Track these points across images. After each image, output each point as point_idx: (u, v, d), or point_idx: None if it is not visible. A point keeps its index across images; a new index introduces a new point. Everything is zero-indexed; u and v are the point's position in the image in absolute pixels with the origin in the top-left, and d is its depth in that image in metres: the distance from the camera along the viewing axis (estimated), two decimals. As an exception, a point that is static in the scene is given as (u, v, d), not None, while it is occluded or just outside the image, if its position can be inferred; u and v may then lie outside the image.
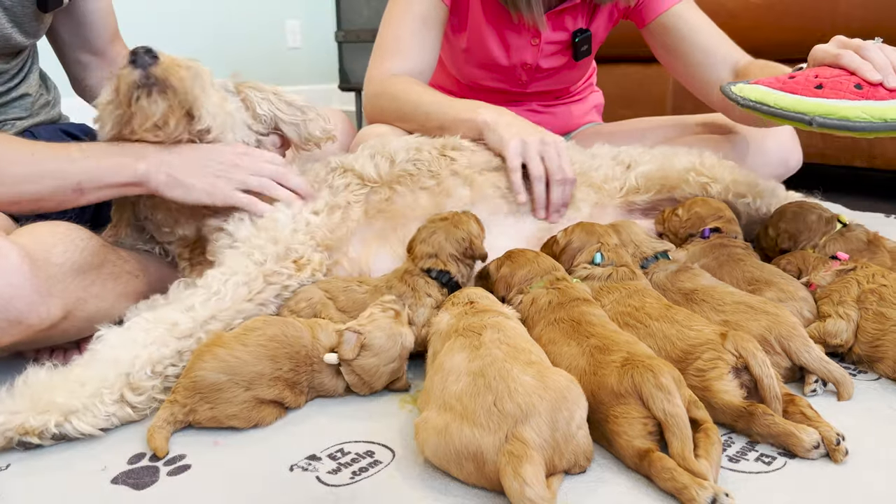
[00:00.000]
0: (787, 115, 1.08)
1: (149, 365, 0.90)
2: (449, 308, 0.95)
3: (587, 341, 0.86)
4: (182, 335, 0.95)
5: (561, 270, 1.05)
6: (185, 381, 0.87)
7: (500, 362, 0.76)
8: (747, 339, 0.85)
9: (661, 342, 0.90)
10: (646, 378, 0.76)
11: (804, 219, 1.26)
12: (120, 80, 1.06)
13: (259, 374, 0.87)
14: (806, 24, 2.02)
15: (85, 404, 0.86)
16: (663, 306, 0.95)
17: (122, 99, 1.07)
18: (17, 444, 0.84)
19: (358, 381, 0.94)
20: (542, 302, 0.98)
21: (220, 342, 0.89)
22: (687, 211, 1.26)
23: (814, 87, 1.09)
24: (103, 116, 1.12)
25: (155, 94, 1.05)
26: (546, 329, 0.93)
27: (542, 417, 0.71)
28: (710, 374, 0.84)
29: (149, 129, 1.09)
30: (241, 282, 1.03)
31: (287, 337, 0.91)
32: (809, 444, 0.78)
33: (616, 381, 0.78)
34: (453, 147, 1.33)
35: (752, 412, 0.81)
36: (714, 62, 1.52)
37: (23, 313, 0.90)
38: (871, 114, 1.03)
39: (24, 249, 0.91)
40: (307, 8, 4.94)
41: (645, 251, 1.14)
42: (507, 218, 1.29)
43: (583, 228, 1.14)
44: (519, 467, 0.67)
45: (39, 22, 1.29)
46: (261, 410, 0.88)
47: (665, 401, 0.75)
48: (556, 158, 1.29)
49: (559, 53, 1.66)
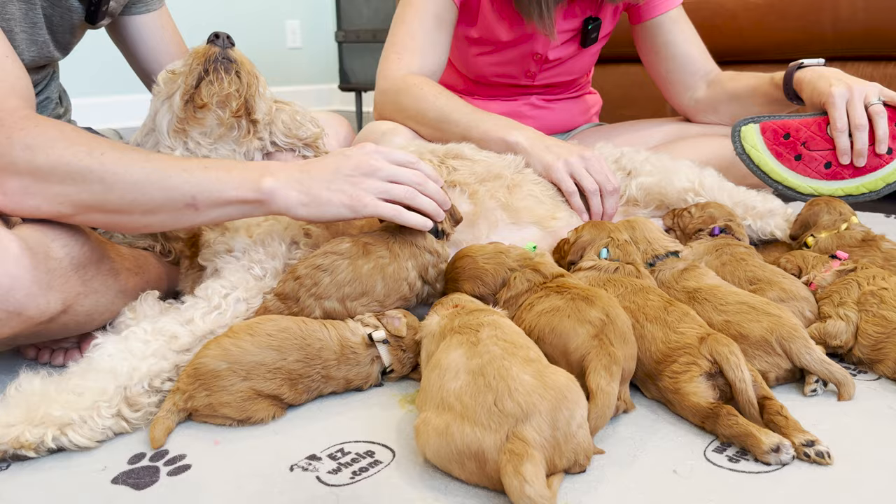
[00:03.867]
0: (769, 182, 1.44)
1: (147, 378, 0.90)
2: (437, 310, 0.96)
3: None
4: (181, 349, 0.95)
5: None
6: (189, 369, 0.88)
7: (499, 360, 0.76)
8: (724, 343, 0.85)
9: (649, 343, 0.91)
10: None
11: (818, 214, 1.29)
12: (198, 53, 1.15)
13: (258, 364, 0.88)
14: (806, 24, 2.02)
15: (82, 416, 0.84)
16: (661, 307, 0.95)
17: (198, 68, 1.13)
18: (10, 457, 0.82)
19: (399, 360, 0.97)
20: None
21: (229, 332, 0.91)
22: (700, 210, 1.28)
23: (793, 158, 1.41)
24: (167, 84, 1.17)
25: (231, 71, 1.14)
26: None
27: (543, 417, 0.71)
28: (682, 378, 0.86)
29: (213, 101, 1.14)
30: (241, 297, 1.03)
31: (300, 329, 0.92)
32: (768, 447, 0.77)
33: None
34: (455, 156, 1.33)
35: (717, 412, 0.82)
36: (693, 70, 1.69)
37: (22, 304, 0.89)
38: (832, 191, 1.39)
39: (24, 242, 0.91)
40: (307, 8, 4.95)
41: (656, 249, 1.14)
42: (509, 227, 1.29)
43: (593, 225, 1.15)
44: (520, 465, 0.67)
45: (73, 36, 1.31)
46: (255, 403, 0.88)
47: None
48: (603, 170, 1.33)
49: (569, 42, 1.70)
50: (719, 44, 2.10)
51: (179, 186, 0.97)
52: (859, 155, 1.36)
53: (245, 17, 4.64)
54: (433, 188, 1.07)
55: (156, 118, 1.20)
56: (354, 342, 0.96)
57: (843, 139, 1.36)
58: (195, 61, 1.14)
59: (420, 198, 1.05)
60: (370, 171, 1.03)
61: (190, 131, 1.18)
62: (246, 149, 1.22)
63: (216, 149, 1.19)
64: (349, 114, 4.38)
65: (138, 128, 1.26)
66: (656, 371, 0.89)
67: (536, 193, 1.31)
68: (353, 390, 0.97)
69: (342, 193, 1.01)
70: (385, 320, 0.99)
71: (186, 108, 1.15)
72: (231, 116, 1.17)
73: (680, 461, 0.79)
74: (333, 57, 4.51)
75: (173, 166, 0.98)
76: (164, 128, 1.18)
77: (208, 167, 1.00)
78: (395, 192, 1.03)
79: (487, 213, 1.26)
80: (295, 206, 1.00)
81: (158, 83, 1.19)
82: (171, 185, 0.97)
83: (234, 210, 1.01)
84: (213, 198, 0.98)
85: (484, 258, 1.06)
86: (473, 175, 1.29)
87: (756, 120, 1.46)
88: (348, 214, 1.02)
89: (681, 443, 0.83)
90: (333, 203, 1.01)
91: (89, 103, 3.83)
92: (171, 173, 0.97)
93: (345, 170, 1.02)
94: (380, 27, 4.01)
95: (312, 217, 1.02)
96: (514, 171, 1.33)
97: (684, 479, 0.76)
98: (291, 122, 1.30)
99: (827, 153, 1.38)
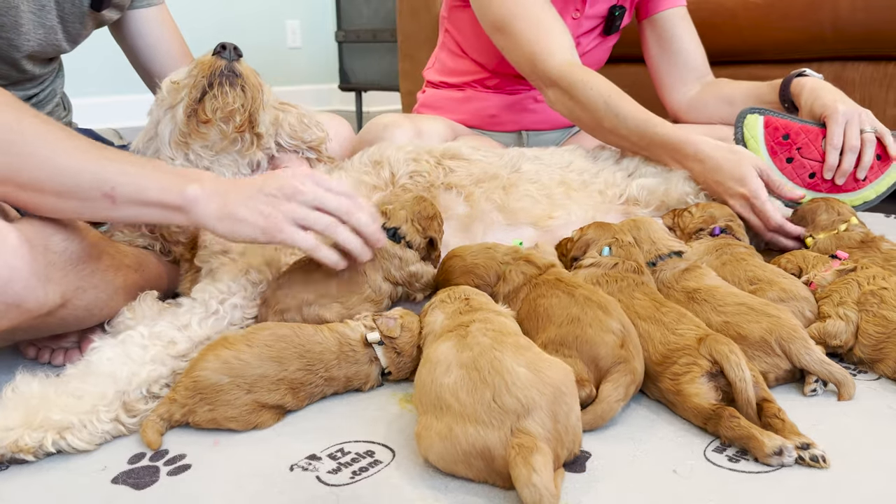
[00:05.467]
0: None
1: (146, 384, 0.89)
2: (442, 307, 0.95)
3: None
4: (178, 355, 0.94)
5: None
6: (187, 381, 0.86)
7: (490, 351, 0.76)
8: (723, 343, 0.85)
9: (645, 342, 0.91)
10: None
11: (816, 212, 1.29)
12: (203, 64, 1.13)
13: (262, 377, 0.87)
14: (806, 24, 2.01)
15: (81, 420, 0.84)
16: (653, 306, 0.96)
17: (202, 81, 1.11)
18: (8, 460, 0.82)
19: (395, 361, 0.96)
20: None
21: (225, 343, 0.89)
22: (702, 210, 1.28)
23: (785, 160, 1.46)
24: (170, 94, 1.15)
25: (237, 86, 1.12)
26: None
27: (544, 411, 0.72)
28: (683, 379, 0.86)
29: (217, 116, 1.12)
30: (237, 304, 1.03)
31: (298, 336, 0.91)
32: (770, 450, 0.77)
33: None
34: (452, 156, 1.32)
35: (719, 414, 0.82)
36: (691, 68, 1.75)
37: (20, 296, 0.88)
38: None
39: (23, 234, 0.90)
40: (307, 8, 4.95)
41: (660, 249, 1.14)
42: (504, 228, 1.29)
43: (598, 226, 1.15)
44: (529, 457, 0.68)
45: (83, 27, 1.31)
46: (260, 415, 0.88)
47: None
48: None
49: (593, 31, 1.74)
50: (719, 44, 2.09)
51: (100, 173, 0.92)
52: (843, 174, 1.42)
53: (245, 16, 4.64)
54: (363, 220, 0.99)
55: (158, 127, 1.19)
56: (353, 339, 0.95)
57: (834, 156, 1.42)
58: (200, 73, 1.13)
59: (342, 232, 0.98)
60: (292, 194, 0.96)
61: (192, 143, 1.17)
62: (249, 160, 1.22)
63: (218, 160, 1.19)
64: (349, 114, 4.38)
65: (138, 128, 1.26)
66: (656, 373, 0.89)
67: (533, 193, 1.30)
68: (354, 390, 0.97)
69: (259, 214, 0.94)
70: (380, 321, 0.97)
71: (189, 121, 1.14)
72: (234, 131, 1.16)
73: (680, 461, 0.79)
74: (333, 57, 4.51)
75: (98, 153, 0.93)
76: (165, 138, 1.17)
77: (137, 164, 0.96)
78: (313, 221, 0.96)
79: (483, 215, 1.26)
80: (212, 219, 0.95)
81: (162, 91, 1.18)
82: (91, 169, 0.91)
83: (153, 212, 0.96)
84: (134, 194, 0.93)
85: (472, 254, 1.08)
86: (470, 176, 1.29)
87: (762, 112, 1.50)
88: (262, 238, 0.95)
89: (681, 443, 0.83)
90: (249, 222, 0.94)
91: (89, 103, 3.82)
92: (94, 157, 0.92)
93: (267, 189, 0.96)
94: (380, 27, 4.01)
95: (227, 234, 0.96)
96: (510, 170, 1.33)
97: (684, 479, 0.76)
98: (298, 125, 1.30)
99: (815, 164, 1.45)
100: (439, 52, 1.92)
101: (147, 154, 1.21)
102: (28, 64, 1.27)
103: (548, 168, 1.37)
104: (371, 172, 1.28)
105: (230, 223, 0.95)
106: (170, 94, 1.16)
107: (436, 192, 1.26)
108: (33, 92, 1.34)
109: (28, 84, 1.33)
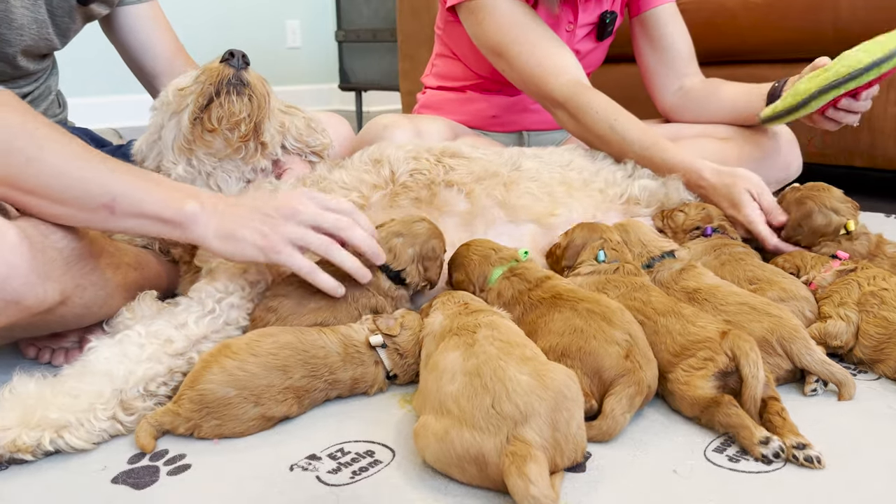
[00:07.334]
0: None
1: (143, 382, 0.89)
2: (442, 308, 0.95)
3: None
4: (175, 353, 0.94)
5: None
6: (192, 394, 0.84)
7: (495, 360, 0.76)
8: (745, 340, 0.85)
9: (663, 336, 0.91)
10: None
11: (811, 216, 1.25)
12: (211, 72, 1.11)
13: (268, 387, 0.86)
14: (806, 24, 2.01)
15: (79, 419, 0.84)
16: (670, 301, 0.96)
17: (209, 89, 1.10)
18: (7, 460, 0.82)
19: (399, 363, 0.96)
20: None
21: (228, 352, 0.87)
22: (694, 209, 1.28)
23: None
24: (174, 101, 1.14)
25: (244, 95, 1.11)
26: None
27: (543, 418, 0.71)
28: (697, 373, 0.85)
29: (222, 125, 1.11)
30: (234, 304, 1.02)
31: (302, 343, 0.90)
32: (758, 438, 0.78)
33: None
34: (452, 154, 1.32)
35: (718, 401, 0.82)
36: (681, 64, 1.75)
37: (19, 293, 0.88)
38: None
39: (22, 231, 0.90)
40: (307, 8, 4.95)
41: (652, 251, 1.14)
42: (506, 225, 1.29)
43: (584, 227, 1.14)
44: (523, 466, 0.67)
45: (72, 20, 1.30)
46: (266, 425, 0.87)
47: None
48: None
49: (587, 37, 1.75)
50: (719, 44, 2.10)
51: (101, 182, 0.92)
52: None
53: (245, 16, 4.64)
54: (360, 237, 0.99)
55: (162, 132, 1.18)
56: (358, 340, 0.95)
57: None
58: (207, 81, 1.11)
59: (337, 253, 0.98)
60: (290, 214, 0.97)
61: (196, 150, 1.17)
62: (252, 166, 1.22)
63: (221, 165, 1.19)
64: (349, 114, 4.38)
65: (138, 127, 1.26)
66: (670, 363, 0.89)
67: (534, 190, 1.30)
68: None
69: (258, 234, 0.95)
70: (380, 320, 0.98)
71: (194, 128, 1.14)
72: (239, 140, 1.15)
73: (680, 461, 0.79)
74: (333, 57, 4.51)
75: (100, 162, 0.94)
76: (169, 143, 1.17)
77: (137, 175, 0.97)
78: (310, 241, 0.97)
79: (484, 211, 1.26)
80: (211, 237, 0.96)
81: (167, 96, 1.17)
82: (92, 178, 0.92)
83: (150, 225, 0.96)
84: (134, 206, 0.94)
85: (474, 249, 1.09)
86: (470, 174, 1.29)
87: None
88: (261, 258, 0.96)
89: (681, 443, 0.83)
90: (247, 242, 0.95)
91: (89, 103, 3.83)
92: (96, 166, 0.93)
93: (265, 209, 0.97)
94: (380, 27, 4.01)
95: (226, 254, 0.97)
96: (510, 168, 1.33)
97: (684, 479, 0.76)
98: (305, 130, 1.31)
99: None
100: (436, 60, 1.92)
101: (150, 157, 1.21)
102: (22, 60, 1.26)
103: (548, 166, 1.37)
104: (371, 171, 1.27)
105: (228, 243, 0.96)
106: (175, 99, 1.15)
107: (436, 189, 1.26)
108: (28, 89, 1.34)
109: (22, 81, 1.33)
